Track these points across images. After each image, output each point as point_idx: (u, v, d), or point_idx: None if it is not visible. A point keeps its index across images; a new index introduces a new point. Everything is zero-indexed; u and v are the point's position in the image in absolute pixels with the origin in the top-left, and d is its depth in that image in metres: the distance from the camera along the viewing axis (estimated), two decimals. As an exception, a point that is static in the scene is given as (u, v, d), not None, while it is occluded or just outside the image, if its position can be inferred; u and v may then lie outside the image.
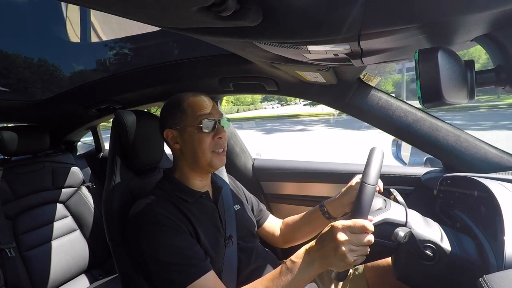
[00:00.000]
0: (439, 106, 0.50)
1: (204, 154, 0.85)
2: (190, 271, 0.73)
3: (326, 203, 0.98)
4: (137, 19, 0.56)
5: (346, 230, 0.62)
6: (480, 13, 0.47)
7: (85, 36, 1.56)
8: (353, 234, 0.62)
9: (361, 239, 0.62)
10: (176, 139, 0.87)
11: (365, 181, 0.68)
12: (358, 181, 0.91)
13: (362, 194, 0.67)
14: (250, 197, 1.14)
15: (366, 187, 0.67)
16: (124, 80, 1.37)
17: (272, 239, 1.12)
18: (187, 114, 0.85)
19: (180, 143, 0.87)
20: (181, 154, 0.89)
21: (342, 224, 0.63)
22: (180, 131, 0.86)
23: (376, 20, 0.51)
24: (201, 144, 0.84)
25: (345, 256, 0.61)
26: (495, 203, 0.69)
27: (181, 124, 0.86)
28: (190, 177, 0.90)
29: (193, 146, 0.85)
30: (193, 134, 0.84)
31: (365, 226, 0.62)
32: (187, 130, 0.85)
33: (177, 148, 0.88)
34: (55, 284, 1.46)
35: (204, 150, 0.84)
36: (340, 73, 1.04)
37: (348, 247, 0.61)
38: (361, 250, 0.62)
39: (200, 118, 0.84)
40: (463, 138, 1.06)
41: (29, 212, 1.46)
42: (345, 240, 0.61)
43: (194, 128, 0.84)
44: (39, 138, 1.56)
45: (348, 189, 0.92)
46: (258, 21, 0.53)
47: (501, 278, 0.51)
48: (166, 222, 0.77)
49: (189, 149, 0.86)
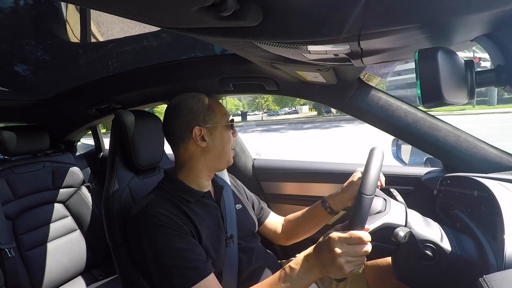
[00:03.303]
0: (439, 106, 0.50)
1: (229, 150, 0.90)
2: (191, 274, 0.73)
3: (328, 198, 0.98)
4: (137, 19, 0.56)
5: (343, 242, 0.63)
6: (480, 13, 0.47)
7: (85, 36, 1.56)
8: (350, 245, 0.63)
9: (358, 250, 0.62)
10: (204, 137, 0.86)
11: (362, 191, 0.68)
12: (359, 176, 0.92)
13: (359, 205, 0.67)
14: (251, 195, 1.14)
15: (363, 198, 0.67)
16: (124, 80, 1.37)
17: (274, 236, 1.12)
18: (215, 112, 0.88)
19: (207, 141, 0.86)
20: (201, 153, 0.87)
21: (338, 236, 0.64)
22: (209, 129, 0.87)
23: (376, 20, 0.51)
24: (229, 142, 0.90)
25: (342, 268, 0.62)
26: (495, 203, 0.69)
27: (210, 122, 0.87)
28: (200, 176, 0.89)
29: (223, 143, 0.88)
30: (223, 132, 0.89)
31: (362, 238, 0.63)
32: (217, 128, 0.88)
33: (202, 147, 0.87)
34: (55, 284, 1.46)
35: (229, 147, 0.90)
36: (340, 73, 1.04)
37: (344, 259, 0.62)
38: (358, 260, 0.63)
39: (227, 117, 0.90)
40: (463, 138, 1.06)
41: (29, 212, 1.46)
42: (342, 252, 0.62)
43: (223, 126, 0.88)
44: (39, 138, 1.55)
45: (350, 184, 0.93)
46: (258, 21, 0.53)
47: (501, 278, 0.51)
48: (167, 222, 0.76)
49: (218, 146, 0.88)
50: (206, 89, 1.33)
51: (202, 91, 0.94)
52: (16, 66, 1.65)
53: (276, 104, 31.63)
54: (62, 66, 1.72)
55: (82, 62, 1.66)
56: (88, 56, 1.64)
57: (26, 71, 1.70)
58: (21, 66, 1.67)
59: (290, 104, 31.68)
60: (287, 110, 35.12)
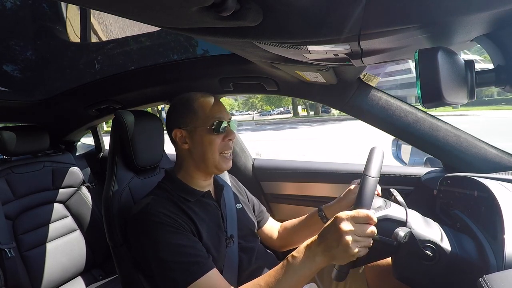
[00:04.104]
0: (439, 106, 0.50)
1: (213, 155, 0.85)
2: (193, 269, 0.73)
3: (324, 208, 0.98)
4: (137, 19, 0.56)
5: (350, 220, 0.62)
6: (480, 13, 0.47)
7: (85, 36, 1.56)
8: (357, 224, 0.62)
9: (365, 229, 0.62)
10: (185, 139, 0.87)
11: (366, 173, 0.69)
12: (356, 185, 0.91)
13: (364, 186, 0.67)
14: (252, 198, 1.14)
15: (368, 179, 0.68)
16: (124, 80, 1.37)
17: (270, 242, 1.12)
18: (198, 114, 0.85)
19: (189, 143, 0.87)
20: (188, 154, 0.88)
21: (346, 214, 0.63)
22: (190, 132, 0.86)
23: (376, 20, 0.51)
24: (211, 146, 0.85)
25: (348, 246, 0.60)
26: (495, 203, 0.69)
27: (191, 124, 0.86)
28: (195, 177, 0.90)
29: (203, 147, 0.85)
30: (204, 135, 0.84)
31: (369, 216, 0.62)
32: (197, 131, 0.85)
33: (185, 148, 0.88)
34: (55, 284, 1.46)
35: (214, 152, 0.85)
36: (340, 73, 1.04)
37: (351, 237, 0.61)
38: (364, 241, 0.62)
39: (212, 120, 0.84)
40: (463, 138, 1.06)
41: (29, 212, 1.46)
42: (349, 230, 0.61)
43: (205, 129, 0.84)
44: (39, 138, 1.55)
45: (347, 193, 0.92)
46: (258, 21, 0.53)
47: (501, 278, 0.51)
48: (167, 221, 0.76)
49: (198, 149, 0.86)
50: (206, 89, 1.32)
51: (202, 91, 0.94)
52: (16, 66, 1.65)
53: (268, 104, 31.62)
54: (62, 66, 1.72)
55: (82, 62, 1.66)
56: (88, 56, 1.64)
57: (26, 71, 1.70)
58: (21, 66, 1.67)
59: (284, 104, 31.64)
60: (282, 110, 34.95)
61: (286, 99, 26.89)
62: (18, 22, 1.52)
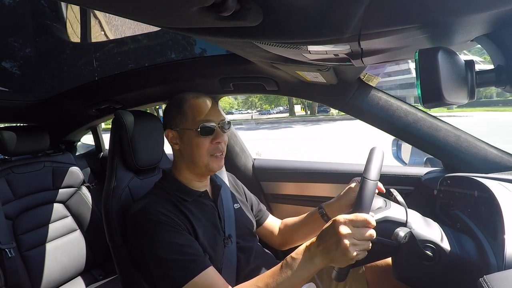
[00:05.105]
0: (439, 106, 0.50)
1: (201, 157, 0.85)
2: (190, 266, 0.73)
3: (324, 206, 0.97)
4: (137, 19, 0.56)
5: (348, 224, 0.62)
6: (480, 13, 0.47)
7: (85, 36, 1.56)
8: (355, 227, 0.62)
9: (363, 233, 0.61)
10: (176, 140, 0.88)
11: (366, 176, 0.68)
12: (356, 183, 0.91)
13: (363, 189, 0.67)
14: (251, 196, 1.14)
15: (367, 182, 0.67)
16: (124, 80, 1.37)
17: (271, 239, 1.12)
18: (187, 116, 0.85)
19: (179, 144, 0.88)
20: (180, 155, 0.89)
21: (344, 218, 0.63)
22: (179, 133, 0.87)
23: (376, 20, 0.51)
24: (198, 148, 0.84)
25: (347, 250, 0.60)
26: (495, 203, 0.69)
27: (180, 126, 0.86)
28: (188, 177, 0.90)
29: (191, 149, 0.85)
30: (192, 137, 0.84)
31: (367, 220, 0.62)
32: (186, 133, 0.85)
33: (177, 149, 0.89)
34: (55, 284, 1.46)
35: (202, 154, 0.84)
36: (340, 73, 1.04)
37: (350, 241, 0.60)
38: (363, 244, 0.62)
39: (199, 123, 0.83)
40: (463, 138, 1.06)
41: (29, 212, 1.46)
42: (347, 234, 0.61)
43: (192, 131, 0.84)
44: (39, 138, 1.55)
45: (347, 191, 0.92)
46: (258, 21, 0.53)
47: (501, 278, 0.51)
48: (165, 220, 0.77)
49: (187, 151, 0.86)
50: (206, 89, 1.33)
51: (202, 91, 0.94)
52: (15, 63, 1.65)
53: (267, 103, 31.61)
54: (61, 65, 1.72)
55: (82, 61, 1.66)
56: (88, 56, 1.64)
57: (25, 68, 1.70)
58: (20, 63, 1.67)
59: (283, 103, 31.60)
60: (281, 109, 34.91)
61: (285, 98, 26.89)
62: (17, 19, 1.51)
